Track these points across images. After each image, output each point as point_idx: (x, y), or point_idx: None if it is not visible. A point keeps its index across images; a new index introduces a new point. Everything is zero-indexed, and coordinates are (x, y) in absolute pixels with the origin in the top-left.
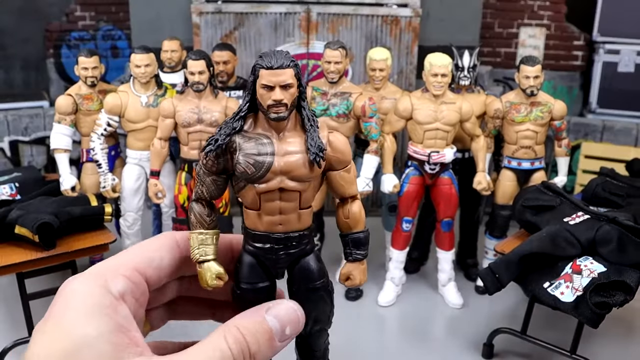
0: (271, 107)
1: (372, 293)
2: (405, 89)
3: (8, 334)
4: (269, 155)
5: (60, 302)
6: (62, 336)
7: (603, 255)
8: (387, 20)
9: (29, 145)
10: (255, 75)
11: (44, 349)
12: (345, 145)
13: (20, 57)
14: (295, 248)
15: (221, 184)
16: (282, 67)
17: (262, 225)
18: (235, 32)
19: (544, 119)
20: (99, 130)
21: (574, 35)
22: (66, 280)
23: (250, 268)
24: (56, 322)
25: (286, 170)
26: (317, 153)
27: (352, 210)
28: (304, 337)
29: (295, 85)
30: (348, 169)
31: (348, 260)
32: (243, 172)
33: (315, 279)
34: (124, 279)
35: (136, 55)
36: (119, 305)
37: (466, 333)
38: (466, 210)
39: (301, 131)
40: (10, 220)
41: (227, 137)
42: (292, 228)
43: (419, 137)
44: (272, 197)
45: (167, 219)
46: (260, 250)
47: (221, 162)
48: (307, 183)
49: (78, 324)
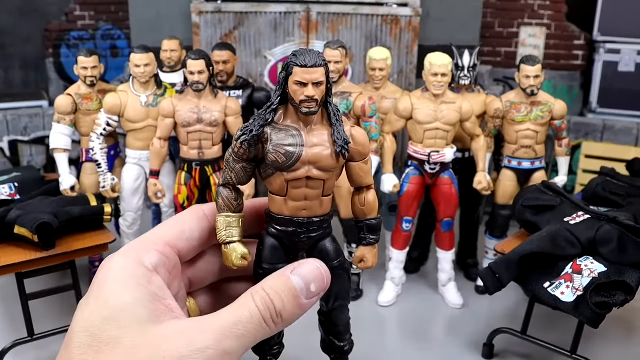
0: (303, 102)
1: (372, 293)
2: (405, 88)
3: (7, 334)
4: (298, 147)
5: (99, 278)
6: (101, 305)
7: (603, 255)
8: (387, 19)
9: (29, 145)
10: (288, 72)
11: (84, 318)
12: (366, 139)
13: (20, 56)
14: (316, 232)
15: (250, 171)
16: (315, 65)
17: (288, 210)
18: (235, 31)
19: (545, 119)
20: (98, 130)
21: (574, 34)
22: (105, 259)
23: (272, 250)
24: (96, 294)
25: (314, 160)
26: (343, 146)
27: (368, 198)
28: (326, 313)
29: (325, 82)
30: (366, 161)
31: (362, 244)
32: (274, 161)
33: (333, 258)
34: (156, 253)
35: (136, 54)
36: (152, 276)
37: (466, 333)
38: (466, 210)
39: (327, 125)
40: (10, 220)
41: (261, 127)
42: (315, 213)
43: (419, 137)
44: (299, 184)
45: (167, 218)
46: (283, 233)
47: (252, 151)
48: (331, 172)
49: (115, 294)
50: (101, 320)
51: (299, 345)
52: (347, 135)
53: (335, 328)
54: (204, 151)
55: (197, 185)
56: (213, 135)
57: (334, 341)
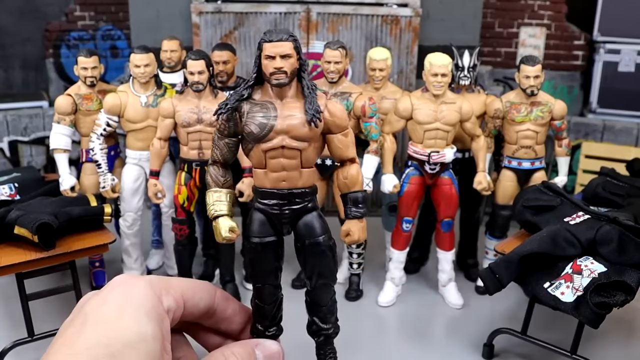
0: (272, 74)
1: (372, 293)
2: (405, 89)
3: (7, 335)
4: (272, 118)
5: (117, 295)
6: (123, 327)
7: (603, 255)
8: (387, 20)
9: (29, 146)
10: (260, 49)
11: (104, 333)
12: (342, 112)
13: (20, 57)
14: (298, 204)
15: (233, 146)
16: (281, 40)
17: (269, 182)
18: (235, 31)
19: (544, 119)
20: (98, 130)
21: (574, 34)
22: (119, 276)
23: (259, 223)
24: (117, 313)
25: (287, 130)
26: (314, 114)
27: (350, 172)
28: (310, 292)
29: (294, 56)
30: (345, 134)
31: (347, 217)
32: (250, 132)
33: (318, 234)
34: (172, 298)
35: (136, 55)
36: (165, 318)
37: (466, 333)
38: (466, 210)
39: (302, 98)
40: (10, 221)
41: (236, 101)
42: (295, 185)
43: (419, 137)
44: (276, 154)
45: (167, 219)
46: (267, 206)
47: (231, 126)
48: (307, 143)
49: (139, 322)
50: (123, 344)
51: (298, 345)
52: (319, 106)
53: (319, 309)
54: (204, 151)
55: (197, 185)
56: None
57: (318, 323)
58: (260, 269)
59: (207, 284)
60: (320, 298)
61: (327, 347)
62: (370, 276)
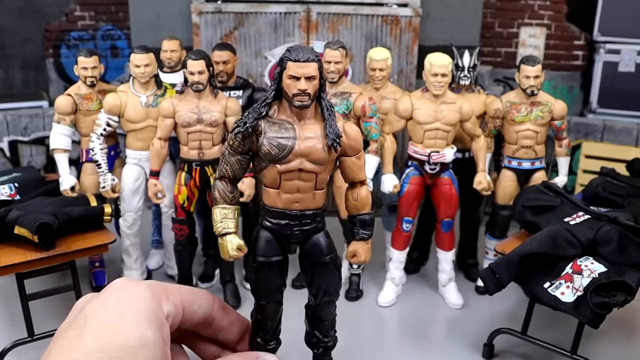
0: (296, 95)
1: (372, 293)
2: (405, 89)
3: (7, 334)
4: (291, 139)
5: (116, 299)
6: (123, 332)
7: (603, 255)
8: (387, 20)
9: (29, 146)
10: (283, 67)
11: (104, 339)
12: (358, 134)
13: (20, 57)
14: (308, 225)
15: (245, 163)
16: (307, 60)
17: (281, 202)
18: (235, 31)
19: (545, 119)
20: (98, 130)
21: (574, 35)
22: (119, 279)
23: (266, 243)
24: (117, 317)
25: (306, 153)
26: (335, 139)
27: (361, 194)
28: (313, 307)
29: (317, 77)
30: (359, 156)
31: (355, 239)
32: (267, 153)
33: (325, 254)
34: (172, 304)
35: (136, 55)
36: (165, 323)
37: (466, 333)
38: (466, 210)
39: (320, 119)
40: (10, 221)
41: (255, 120)
42: (308, 207)
43: (419, 137)
44: (292, 176)
45: (167, 219)
46: (276, 225)
47: (247, 144)
48: (323, 166)
49: (140, 327)
50: (123, 349)
51: (297, 344)
52: (339, 130)
53: (321, 323)
54: (204, 151)
55: (197, 185)
56: (213, 136)
57: (318, 336)
58: (265, 287)
59: (206, 292)
60: (323, 314)
61: (325, 357)
62: (370, 276)
